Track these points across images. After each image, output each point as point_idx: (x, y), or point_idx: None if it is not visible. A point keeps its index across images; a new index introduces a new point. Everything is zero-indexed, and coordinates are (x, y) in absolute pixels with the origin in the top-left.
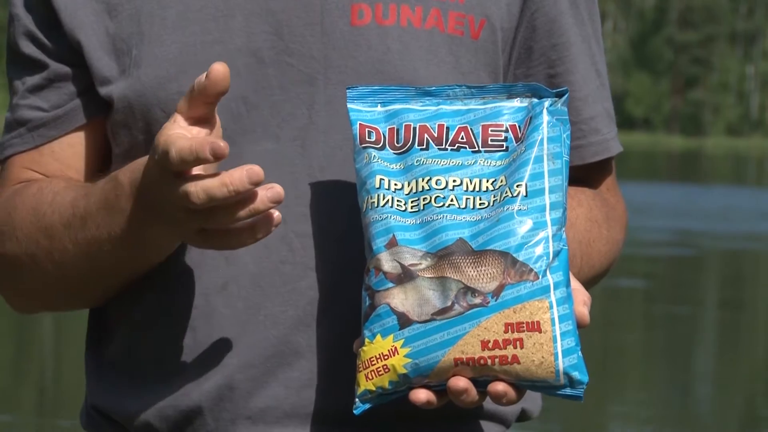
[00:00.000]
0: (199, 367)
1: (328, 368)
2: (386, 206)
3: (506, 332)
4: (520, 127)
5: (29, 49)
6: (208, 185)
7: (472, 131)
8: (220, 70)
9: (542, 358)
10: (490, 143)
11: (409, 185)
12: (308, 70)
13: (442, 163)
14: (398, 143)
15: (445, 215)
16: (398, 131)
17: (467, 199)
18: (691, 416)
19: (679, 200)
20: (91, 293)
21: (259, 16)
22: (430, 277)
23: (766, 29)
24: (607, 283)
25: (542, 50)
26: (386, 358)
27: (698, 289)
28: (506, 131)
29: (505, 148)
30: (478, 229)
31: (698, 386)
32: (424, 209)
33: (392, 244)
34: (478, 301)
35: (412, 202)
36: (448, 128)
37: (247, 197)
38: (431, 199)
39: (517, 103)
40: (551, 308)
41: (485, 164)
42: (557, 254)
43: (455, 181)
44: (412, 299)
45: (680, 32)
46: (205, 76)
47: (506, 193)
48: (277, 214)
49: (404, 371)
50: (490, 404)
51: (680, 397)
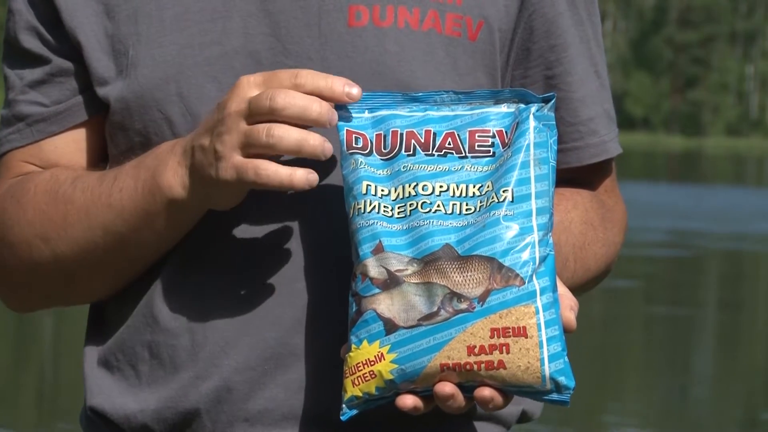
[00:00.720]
0: (196, 368)
1: (326, 370)
2: (373, 212)
3: (492, 337)
4: (506, 132)
5: (31, 43)
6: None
7: (459, 137)
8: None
9: (528, 363)
10: (476, 149)
11: (395, 191)
12: None
13: (428, 168)
14: (385, 149)
15: (431, 221)
16: (385, 137)
17: (454, 204)
18: (689, 417)
19: (678, 200)
20: (98, 276)
21: (256, 17)
22: (416, 282)
23: (765, 29)
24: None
25: (540, 51)
26: (373, 363)
27: (697, 289)
28: (493, 137)
29: (491, 153)
30: (464, 234)
31: (697, 387)
32: (410, 215)
33: (379, 249)
34: (464, 306)
35: (398, 207)
36: (435, 134)
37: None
38: (418, 204)
39: (504, 108)
40: (537, 313)
41: (472, 170)
42: (543, 259)
43: (442, 186)
44: (398, 305)
45: (680, 32)
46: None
47: (493, 198)
48: (313, 174)
49: (391, 377)
50: None
51: (679, 398)
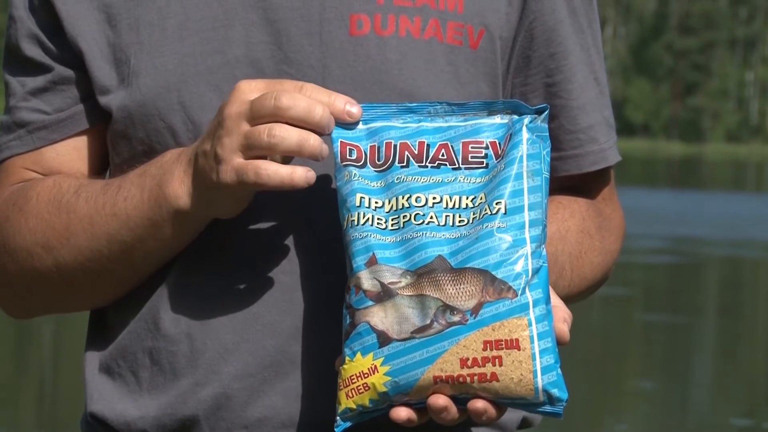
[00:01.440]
0: (195, 375)
1: (325, 378)
2: (366, 224)
3: (485, 350)
4: (500, 143)
5: (32, 51)
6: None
7: (452, 148)
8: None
9: (521, 375)
10: (470, 160)
11: (389, 203)
12: (307, 79)
13: (422, 180)
14: (379, 161)
15: (424, 233)
16: (379, 149)
17: (447, 216)
18: (688, 424)
19: (678, 207)
20: (101, 284)
21: (258, 26)
22: (409, 295)
23: (765, 35)
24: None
25: (540, 59)
26: (366, 376)
27: (697, 296)
28: (486, 148)
29: (485, 165)
30: (457, 246)
31: (696, 395)
32: (404, 227)
33: (372, 262)
34: (456, 319)
35: (392, 220)
36: (428, 145)
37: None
38: (411, 216)
39: (497, 120)
40: (530, 326)
41: (465, 181)
42: (536, 271)
43: (435, 198)
44: (391, 317)
45: (680, 38)
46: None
47: (486, 210)
48: (311, 172)
49: (384, 389)
50: None
51: (678, 405)
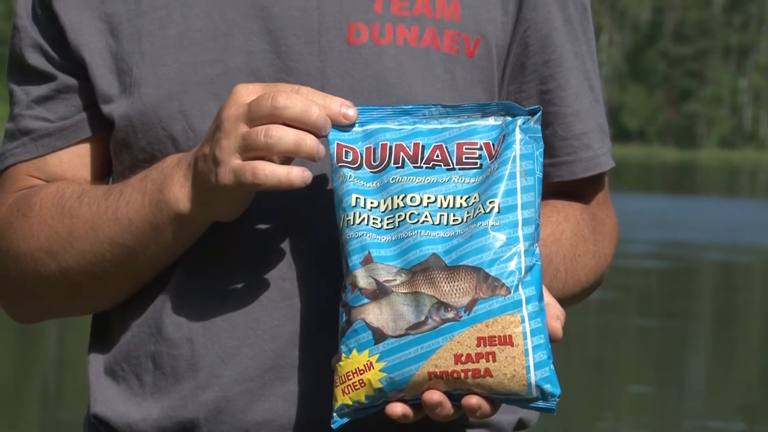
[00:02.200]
0: (197, 379)
1: (324, 382)
2: (362, 224)
3: (479, 346)
4: (494, 144)
5: (36, 60)
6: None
7: (447, 149)
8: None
9: (514, 371)
10: (464, 161)
11: (384, 203)
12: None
13: (417, 180)
14: (375, 162)
15: (419, 231)
16: (375, 150)
17: (441, 215)
18: (682, 425)
19: (672, 212)
20: (106, 289)
21: (258, 35)
22: (404, 292)
23: (758, 43)
24: (599, 294)
25: (534, 66)
26: (362, 372)
27: (691, 300)
28: (480, 149)
29: (479, 165)
30: (451, 244)
31: (690, 398)
32: (399, 226)
33: (368, 260)
34: (450, 315)
35: (387, 219)
36: (423, 147)
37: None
38: (406, 216)
39: (491, 121)
40: (523, 322)
41: (459, 181)
42: (529, 269)
43: (430, 198)
44: (386, 314)
45: (674, 46)
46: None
47: (479, 209)
48: (308, 172)
49: (380, 385)
50: None
51: (672, 408)
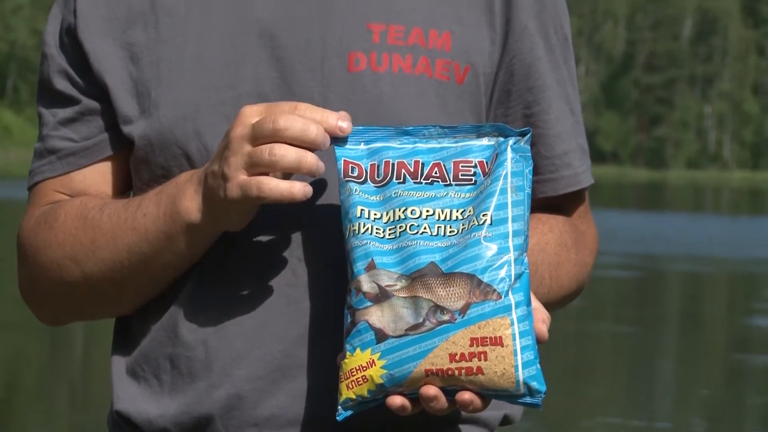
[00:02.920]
0: (211, 378)
1: (327, 380)
2: (366, 233)
3: (472, 346)
4: (487, 162)
5: (62, 85)
6: (306, 190)
7: (444, 167)
8: (300, 192)
9: (504, 369)
10: (460, 177)
11: (387, 215)
12: None
13: (417, 195)
14: (378, 177)
15: (418, 241)
16: (378, 166)
17: (439, 227)
18: (654, 424)
19: (643, 227)
20: (126, 294)
21: (266, 62)
22: (404, 296)
23: (722, 73)
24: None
25: (519, 92)
26: (365, 369)
27: (660, 307)
28: (475, 167)
29: (473, 181)
30: (447, 253)
31: (660, 398)
32: (400, 236)
33: (371, 267)
34: (446, 318)
35: (389, 229)
36: (423, 164)
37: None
38: (407, 227)
39: (485, 141)
40: (512, 325)
41: (455, 196)
42: (519, 276)
43: (428, 211)
44: (388, 316)
45: (645, 75)
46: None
47: (473, 221)
48: (308, 187)
49: (381, 381)
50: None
51: (643, 407)
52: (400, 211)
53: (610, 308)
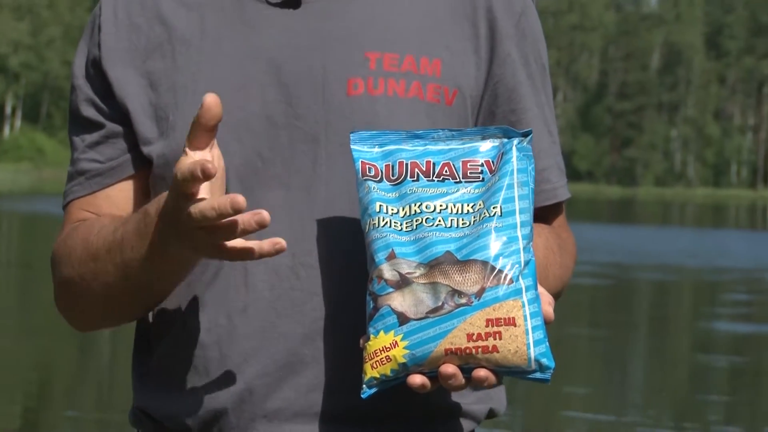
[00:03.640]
0: (224, 375)
1: (329, 376)
2: (385, 227)
3: (487, 326)
4: (493, 161)
5: (89, 112)
6: (201, 206)
7: (454, 166)
8: (210, 99)
9: (517, 347)
10: (469, 175)
11: (403, 210)
12: (312, 131)
13: (430, 191)
14: (393, 176)
15: (434, 233)
16: (393, 167)
17: (452, 219)
18: (624, 412)
19: (616, 239)
20: (131, 308)
21: (272, 87)
22: (423, 282)
23: (686, 100)
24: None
25: (503, 114)
26: (388, 350)
27: (630, 313)
28: (482, 165)
29: (481, 179)
30: (462, 243)
31: (629, 391)
32: (416, 228)
33: (391, 257)
34: (463, 301)
35: (406, 223)
36: (434, 164)
37: (235, 221)
38: (422, 220)
39: (489, 143)
40: (524, 306)
41: (466, 192)
42: (527, 263)
43: (442, 205)
44: (409, 301)
45: (617, 102)
46: (200, 107)
47: (484, 213)
48: (280, 243)
49: (404, 360)
50: (463, 403)
51: (614, 405)
52: (415, 206)
53: (585, 313)
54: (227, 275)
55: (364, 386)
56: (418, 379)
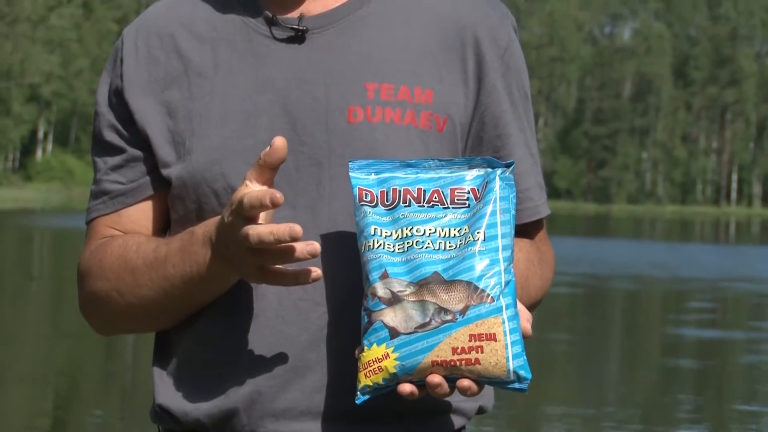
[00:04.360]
0: (236, 377)
1: (331, 378)
2: (379, 248)
3: (470, 341)
4: (478, 189)
5: (111, 137)
6: (260, 230)
7: (442, 193)
8: (280, 142)
9: (497, 360)
10: (456, 202)
11: (396, 232)
12: (316, 156)
13: (420, 216)
14: (387, 202)
15: (424, 254)
16: (387, 193)
17: (440, 242)
18: (599, 410)
19: (592, 251)
20: (162, 320)
21: (279, 116)
22: (413, 300)
23: (656, 125)
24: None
25: (489, 139)
26: (380, 360)
27: (604, 319)
28: (468, 193)
29: (467, 205)
30: (448, 264)
31: (604, 392)
32: (407, 250)
33: (384, 276)
34: (449, 317)
35: (398, 245)
36: (424, 191)
37: (291, 248)
38: (413, 243)
39: (475, 172)
40: (504, 323)
41: (453, 217)
42: (507, 283)
43: (431, 229)
44: (399, 317)
45: (594, 127)
46: (269, 147)
47: (469, 237)
48: (316, 272)
49: (394, 371)
50: (455, 401)
51: (591, 399)
52: (407, 229)
53: (563, 320)
54: (241, 286)
55: (358, 393)
56: (407, 387)
